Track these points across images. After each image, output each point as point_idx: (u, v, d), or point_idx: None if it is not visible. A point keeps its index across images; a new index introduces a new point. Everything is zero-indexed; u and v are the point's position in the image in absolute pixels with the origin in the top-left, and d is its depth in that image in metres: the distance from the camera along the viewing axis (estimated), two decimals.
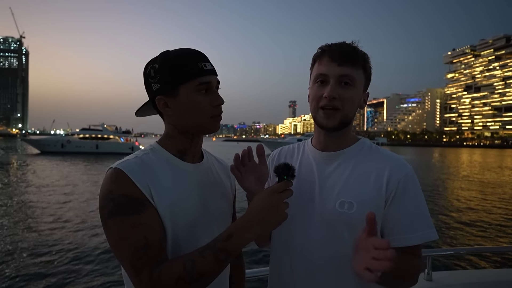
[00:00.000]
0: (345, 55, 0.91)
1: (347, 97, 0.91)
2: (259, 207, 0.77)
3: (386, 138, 77.35)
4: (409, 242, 0.87)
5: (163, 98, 0.87)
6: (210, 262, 0.73)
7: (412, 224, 0.88)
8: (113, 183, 0.78)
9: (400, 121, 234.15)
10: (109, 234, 0.77)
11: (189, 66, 0.84)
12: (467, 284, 1.91)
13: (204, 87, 0.86)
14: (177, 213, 0.82)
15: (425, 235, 0.88)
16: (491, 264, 6.19)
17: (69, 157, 31.45)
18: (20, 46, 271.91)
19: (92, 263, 6.10)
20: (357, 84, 0.93)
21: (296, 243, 0.96)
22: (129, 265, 0.74)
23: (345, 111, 0.93)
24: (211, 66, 0.88)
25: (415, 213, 0.89)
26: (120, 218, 0.75)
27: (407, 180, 0.90)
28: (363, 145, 1.01)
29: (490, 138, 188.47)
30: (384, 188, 0.90)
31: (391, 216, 0.89)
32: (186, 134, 0.90)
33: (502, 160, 47.80)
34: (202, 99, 0.86)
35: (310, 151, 1.04)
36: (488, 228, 9.28)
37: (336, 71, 0.91)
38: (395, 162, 0.93)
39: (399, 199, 0.89)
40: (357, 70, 0.92)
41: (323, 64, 0.93)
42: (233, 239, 0.75)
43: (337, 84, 0.91)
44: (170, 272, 0.72)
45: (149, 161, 0.85)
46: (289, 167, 0.80)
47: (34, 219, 9.06)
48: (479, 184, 18.85)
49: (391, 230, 0.89)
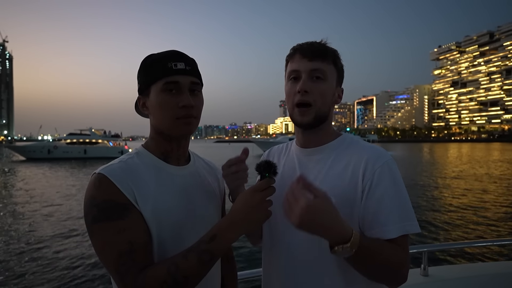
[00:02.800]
0: (315, 51, 0.93)
1: (319, 90, 0.93)
2: (241, 206, 0.76)
3: (377, 135, 77.99)
4: (386, 235, 0.84)
5: (141, 98, 0.89)
6: (194, 264, 0.73)
7: (389, 216, 0.84)
8: (96, 188, 0.77)
9: (389, 118, 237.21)
10: (94, 240, 0.76)
11: (158, 66, 0.85)
12: (463, 278, 1.92)
13: (171, 86, 0.84)
14: (162, 217, 0.82)
15: (402, 227, 0.84)
16: (487, 258, 6.17)
17: (56, 163, 30.63)
18: (3, 50, 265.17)
19: (80, 270, 5.90)
20: (328, 78, 0.94)
21: (283, 241, 0.97)
22: (114, 270, 0.74)
23: (318, 105, 0.93)
24: (183, 66, 0.85)
25: (394, 204, 0.86)
26: (104, 223, 0.75)
27: (383, 170, 0.88)
28: (344, 140, 1.00)
29: (477, 132, 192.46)
30: (360, 179, 0.88)
31: (368, 208, 0.87)
32: (164, 135, 0.89)
33: (489, 153, 48.70)
34: (168, 98, 0.84)
35: (294, 149, 1.06)
36: (483, 221, 9.25)
37: (307, 66, 0.93)
38: (372, 153, 0.92)
39: (374, 191, 0.86)
40: (328, 64, 0.94)
41: (294, 61, 0.95)
42: (216, 240, 0.74)
43: (308, 78, 0.93)
44: (154, 276, 0.72)
45: (134, 164, 0.85)
46: (270, 165, 0.79)
47: (14, 231, 8.62)
48: (473, 178, 18.99)
49: (370, 223, 0.86)
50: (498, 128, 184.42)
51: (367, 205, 0.87)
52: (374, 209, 0.86)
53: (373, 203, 0.86)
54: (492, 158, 38.24)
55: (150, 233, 0.80)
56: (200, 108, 0.90)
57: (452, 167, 26.47)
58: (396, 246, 0.83)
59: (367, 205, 0.87)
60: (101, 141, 39.13)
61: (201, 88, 0.92)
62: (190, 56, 0.90)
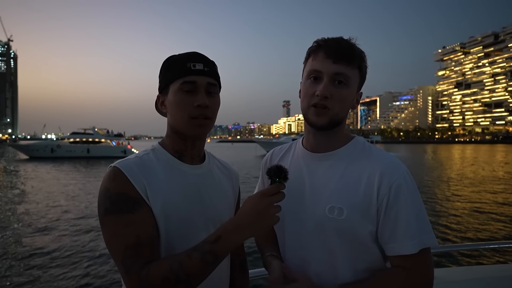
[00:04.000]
0: (341, 52, 0.86)
1: (340, 97, 0.88)
2: (248, 210, 0.76)
3: (380, 136, 77.60)
4: (406, 250, 0.83)
5: (160, 96, 0.92)
6: (196, 264, 0.73)
7: (408, 231, 0.83)
8: (111, 181, 0.80)
9: (393, 119, 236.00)
10: (104, 231, 0.79)
11: (178, 65, 0.87)
12: (466, 280, 1.89)
13: (188, 86, 0.85)
14: (170, 213, 0.83)
15: (421, 241, 0.83)
16: (493, 260, 6.08)
17: (59, 162, 30.68)
18: (8, 49, 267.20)
19: (90, 264, 5.94)
20: (351, 83, 0.89)
21: (288, 249, 0.95)
22: (120, 262, 0.76)
23: (336, 111, 0.89)
24: (201, 67, 0.87)
25: (412, 219, 0.84)
26: (115, 215, 0.77)
27: (400, 184, 0.85)
28: (356, 145, 0.96)
29: (481, 133, 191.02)
30: (375, 194, 0.85)
31: (387, 224, 0.85)
32: (179, 134, 0.90)
33: (493, 155, 48.26)
34: (184, 98, 0.85)
35: (301, 151, 1.02)
36: (488, 223, 9.10)
37: (330, 69, 0.87)
38: (387, 164, 0.88)
39: (392, 206, 0.84)
40: (353, 69, 0.88)
41: (317, 59, 0.89)
42: (221, 241, 0.75)
43: (330, 83, 0.87)
44: (157, 272, 0.73)
45: (149, 161, 0.87)
46: (281, 169, 0.78)
47: (21, 229, 8.56)
48: (479, 180, 18.75)
49: (388, 238, 0.85)
50: (503, 129, 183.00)
51: (386, 220, 0.85)
52: (393, 224, 0.84)
53: (392, 218, 0.84)
54: (497, 159, 37.85)
55: (158, 228, 0.81)
56: (216, 110, 0.90)
57: (456, 169, 26.20)
58: (416, 267, 0.83)
59: (386, 220, 0.85)
60: (104, 141, 39.11)
61: (219, 91, 0.92)
62: (210, 59, 0.91)
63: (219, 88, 0.92)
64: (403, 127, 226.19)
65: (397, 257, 0.84)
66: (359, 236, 0.87)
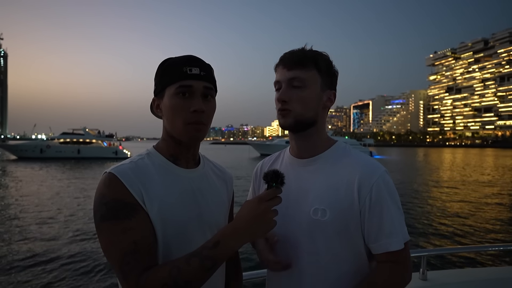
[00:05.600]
0: (293, 60, 0.95)
1: (297, 98, 0.94)
2: (245, 215, 0.76)
3: (373, 139, 78.27)
4: (392, 246, 0.89)
5: (156, 99, 0.91)
6: (195, 269, 0.73)
7: (393, 228, 0.89)
8: (106, 187, 0.79)
9: (385, 122, 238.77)
10: (101, 237, 0.78)
11: (174, 69, 0.87)
12: (462, 282, 1.92)
13: (184, 90, 0.85)
14: (167, 217, 0.83)
15: (403, 236, 0.91)
16: (487, 263, 6.12)
17: (48, 163, 30.05)
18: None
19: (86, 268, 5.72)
20: (309, 84, 0.95)
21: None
22: (118, 269, 0.75)
23: (298, 111, 0.95)
24: (198, 71, 0.87)
25: (394, 216, 0.90)
26: (111, 222, 0.76)
27: (379, 184, 0.91)
28: (337, 149, 1.01)
29: (471, 138, 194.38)
30: (356, 194, 0.90)
31: (372, 223, 0.90)
32: (174, 138, 0.90)
33: (483, 159, 48.97)
34: (180, 102, 0.85)
35: (288, 158, 1.07)
36: (482, 226, 9.11)
37: (286, 76, 0.96)
38: (366, 166, 0.94)
39: (375, 206, 0.90)
40: (308, 71, 0.95)
41: (278, 71, 0.99)
42: (219, 247, 0.75)
43: (288, 88, 0.95)
44: (156, 278, 0.73)
45: (144, 165, 0.86)
46: (278, 174, 0.79)
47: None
48: (470, 183, 18.92)
49: (375, 236, 0.90)
50: (492, 134, 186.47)
51: (370, 219, 0.90)
52: (378, 223, 0.90)
53: (376, 217, 0.90)
54: (486, 164, 38.42)
55: (156, 234, 0.81)
56: (211, 115, 0.91)
57: (448, 172, 26.47)
58: (397, 262, 0.90)
59: (370, 219, 0.90)
60: (95, 141, 38.50)
61: (215, 94, 0.93)
62: (206, 62, 0.91)
63: (215, 92, 0.93)
64: (395, 130, 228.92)
65: (384, 254, 0.90)
66: (343, 236, 0.91)
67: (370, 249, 0.93)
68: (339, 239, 0.91)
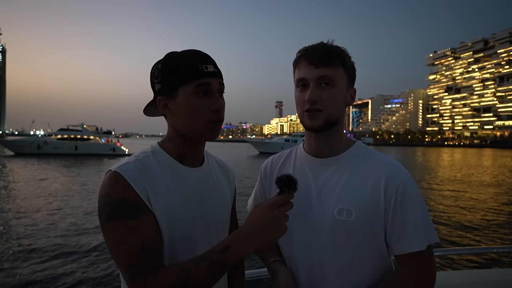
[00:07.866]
0: (320, 57, 0.91)
1: (328, 97, 0.91)
2: (257, 220, 0.75)
3: (372, 138, 78.33)
4: (415, 247, 0.87)
5: (163, 99, 0.87)
6: (204, 273, 0.73)
7: (416, 229, 0.88)
8: (111, 186, 0.78)
9: (384, 121, 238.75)
10: (106, 237, 0.77)
11: (188, 67, 0.83)
12: (466, 284, 1.90)
13: (202, 89, 0.83)
14: (172, 217, 0.82)
15: (427, 238, 0.89)
16: (491, 264, 6.03)
17: (46, 159, 29.77)
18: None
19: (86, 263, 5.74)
20: (337, 82, 0.92)
21: (298, 255, 0.96)
22: (125, 269, 0.75)
23: (329, 111, 0.92)
24: (213, 69, 0.86)
25: (418, 217, 0.89)
26: (117, 222, 0.75)
27: (405, 185, 0.90)
28: (359, 149, 1.00)
29: (470, 138, 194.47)
30: (382, 195, 0.90)
31: (396, 223, 0.89)
32: (185, 138, 0.89)
33: (481, 159, 48.94)
34: (200, 102, 0.83)
35: (303, 157, 1.03)
36: (486, 227, 9.00)
37: (314, 74, 0.91)
38: (391, 167, 0.93)
39: (400, 206, 0.89)
40: (336, 69, 0.92)
41: (301, 68, 0.94)
42: (229, 251, 0.74)
43: (316, 86, 0.91)
44: (164, 280, 0.72)
45: (149, 164, 0.85)
46: (291, 180, 0.76)
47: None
48: (473, 184, 18.79)
49: (397, 237, 0.89)
50: (491, 134, 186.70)
51: (394, 220, 0.89)
52: (401, 223, 0.89)
53: (400, 218, 0.89)
54: (485, 163, 38.36)
55: (161, 234, 0.81)
56: (224, 110, 0.90)
57: (448, 172, 26.33)
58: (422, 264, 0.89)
59: (394, 220, 0.89)
60: (93, 138, 38.21)
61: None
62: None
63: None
64: (394, 129, 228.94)
65: (405, 255, 0.88)
66: (369, 237, 0.90)
67: (391, 250, 0.92)
68: (364, 239, 0.90)
